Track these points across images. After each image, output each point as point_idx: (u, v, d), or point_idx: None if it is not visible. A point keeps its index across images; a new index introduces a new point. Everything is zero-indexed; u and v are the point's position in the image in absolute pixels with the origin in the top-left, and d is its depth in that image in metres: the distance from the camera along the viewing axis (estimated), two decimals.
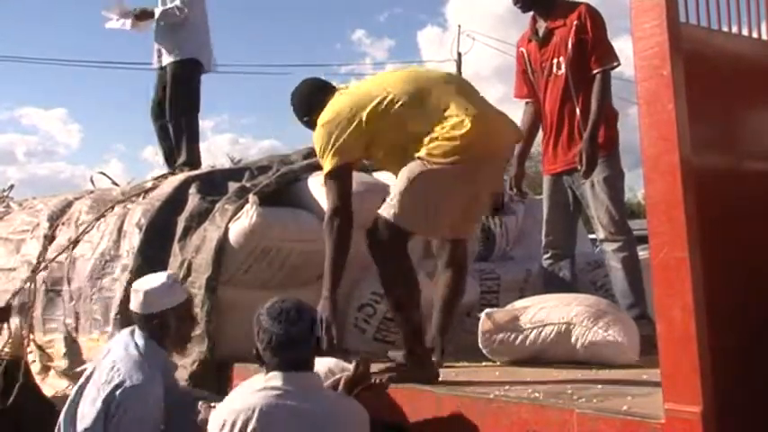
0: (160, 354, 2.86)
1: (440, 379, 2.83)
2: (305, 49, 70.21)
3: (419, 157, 2.83)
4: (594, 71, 3.60)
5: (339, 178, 2.94)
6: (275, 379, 2.32)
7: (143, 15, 5.57)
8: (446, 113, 2.83)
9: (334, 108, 3.00)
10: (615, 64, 3.64)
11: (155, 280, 2.90)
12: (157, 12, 5.55)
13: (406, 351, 2.90)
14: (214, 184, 4.17)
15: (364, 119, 2.91)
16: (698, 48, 2.17)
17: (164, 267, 3.82)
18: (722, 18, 2.32)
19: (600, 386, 2.59)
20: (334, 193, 2.93)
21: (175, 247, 3.83)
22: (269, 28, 76.18)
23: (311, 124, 3.12)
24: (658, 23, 2.00)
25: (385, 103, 2.90)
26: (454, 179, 2.82)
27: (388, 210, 2.85)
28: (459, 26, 25.26)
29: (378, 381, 2.74)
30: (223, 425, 2.27)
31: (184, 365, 3.46)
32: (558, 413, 2.29)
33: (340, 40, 74.85)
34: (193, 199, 4.02)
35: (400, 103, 2.90)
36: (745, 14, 2.40)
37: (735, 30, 2.38)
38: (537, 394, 2.48)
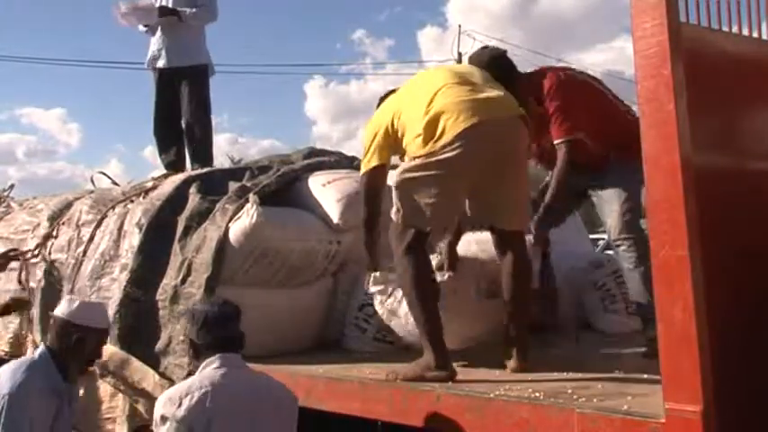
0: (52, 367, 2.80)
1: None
2: (305, 48, 70.25)
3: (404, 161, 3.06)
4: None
5: (369, 178, 3.22)
6: (215, 361, 2.51)
7: (164, 12, 5.49)
8: (425, 117, 2.96)
9: (379, 111, 3.28)
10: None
11: (91, 300, 3.00)
12: (187, 11, 5.45)
13: (425, 350, 2.94)
14: (214, 184, 4.17)
15: (390, 127, 3.13)
16: (698, 47, 2.17)
17: (164, 267, 3.82)
18: (722, 18, 2.32)
19: (600, 385, 2.59)
20: (362, 193, 3.27)
21: (176, 246, 3.82)
22: (269, 27, 76.18)
23: None
24: (659, 23, 2.00)
25: (398, 114, 3.12)
26: (436, 168, 2.92)
27: (392, 213, 3.02)
28: (460, 26, 25.32)
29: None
30: (179, 402, 2.42)
31: (181, 365, 3.46)
32: (558, 413, 2.29)
33: (340, 40, 74.93)
34: (194, 198, 4.02)
35: (403, 113, 3.09)
36: (745, 14, 2.40)
37: (735, 29, 2.38)
38: (537, 394, 2.48)
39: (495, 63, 3.45)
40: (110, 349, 3.67)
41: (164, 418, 2.41)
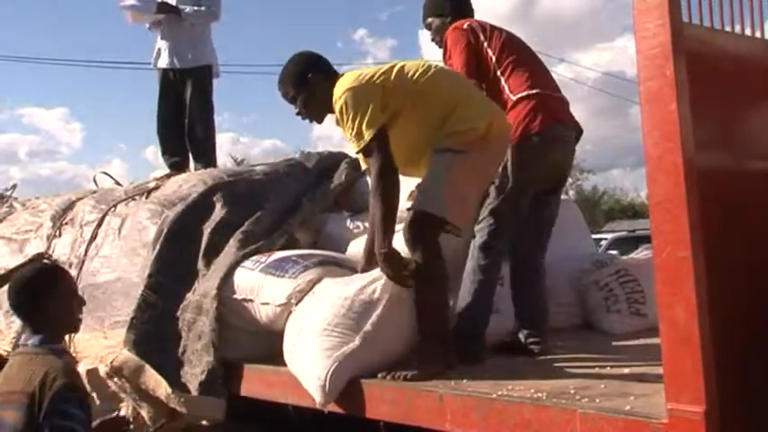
0: None
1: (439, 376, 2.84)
2: (306, 47, 70.12)
3: (444, 150, 2.98)
4: None
5: (380, 142, 2.98)
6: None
7: (163, 8, 5.48)
8: (461, 110, 3.03)
9: (355, 75, 3.08)
10: None
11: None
12: (187, 9, 5.43)
13: (421, 340, 2.97)
14: (236, 195, 4.12)
15: (390, 86, 3.04)
16: (701, 48, 2.17)
17: (181, 273, 3.79)
18: (725, 18, 2.32)
19: (603, 386, 2.59)
20: (379, 156, 2.97)
21: (200, 263, 3.80)
22: (270, 26, 76.22)
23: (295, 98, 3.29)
24: (661, 23, 2.00)
25: (410, 75, 3.07)
26: (475, 167, 3.01)
27: (427, 202, 2.98)
28: None
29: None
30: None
31: (195, 375, 3.44)
32: (560, 413, 2.29)
33: (342, 39, 74.97)
34: (220, 211, 3.99)
35: (423, 81, 3.06)
36: (747, 14, 2.40)
37: (737, 29, 2.38)
38: (540, 394, 2.47)
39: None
40: (124, 354, 3.60)
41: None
